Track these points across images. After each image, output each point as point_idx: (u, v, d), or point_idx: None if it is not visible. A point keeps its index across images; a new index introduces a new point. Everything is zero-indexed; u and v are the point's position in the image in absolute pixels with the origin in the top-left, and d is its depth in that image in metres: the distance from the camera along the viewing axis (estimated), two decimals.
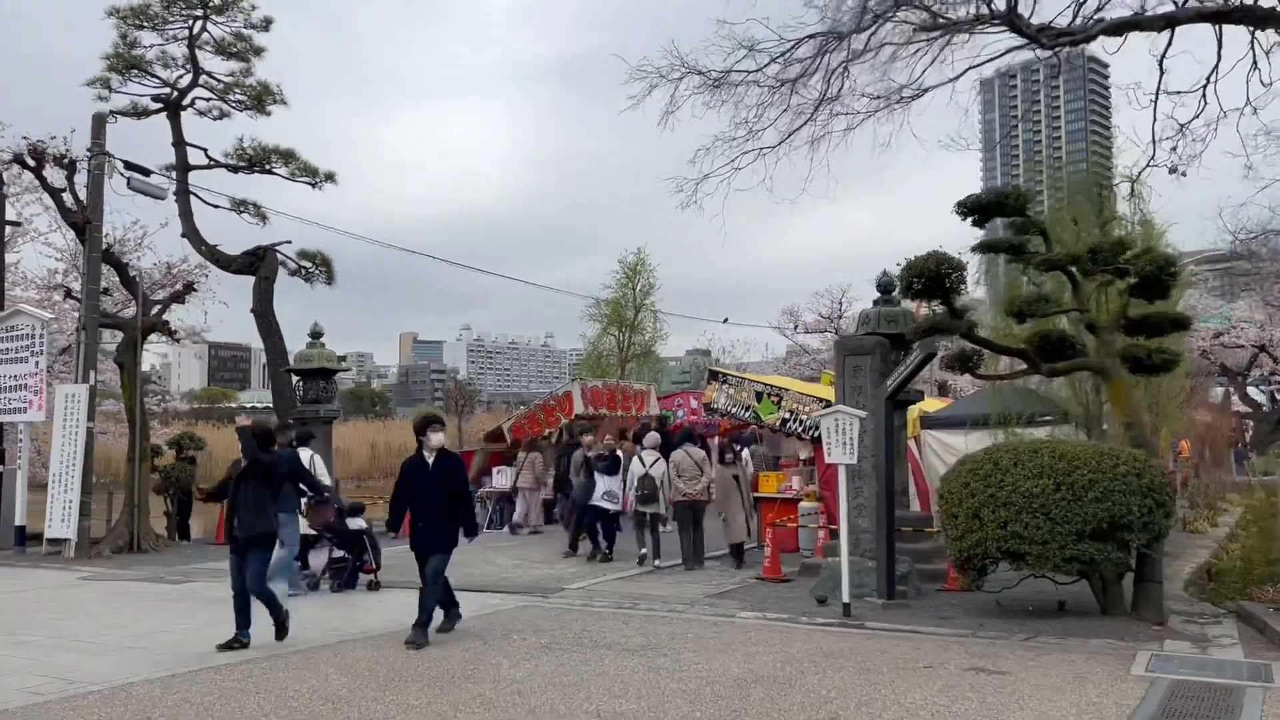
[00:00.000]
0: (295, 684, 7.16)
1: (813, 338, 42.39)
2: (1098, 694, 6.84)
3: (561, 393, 21.06)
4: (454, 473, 9.11)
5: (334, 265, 20.42)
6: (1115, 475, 9.13)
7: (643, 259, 39.08)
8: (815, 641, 8.70)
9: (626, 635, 8.96)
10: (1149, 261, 10.72)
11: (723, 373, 16.72)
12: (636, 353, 38.78)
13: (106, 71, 19.87)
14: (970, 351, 11.28)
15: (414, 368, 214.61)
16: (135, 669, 7.64)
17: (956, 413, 16.16)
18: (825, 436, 10.22)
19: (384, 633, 9.12)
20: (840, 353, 11.91)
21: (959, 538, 9.64)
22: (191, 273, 19.84)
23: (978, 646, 8.49)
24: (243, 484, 8.64)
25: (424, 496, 8.93)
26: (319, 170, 20.54)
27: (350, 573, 12.03)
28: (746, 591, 11.64)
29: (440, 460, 9.06)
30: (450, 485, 8.97)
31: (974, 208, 11.46)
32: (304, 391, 18.14)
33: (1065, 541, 9.04)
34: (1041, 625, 9.36)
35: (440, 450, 9.13)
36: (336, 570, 12.04)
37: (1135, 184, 14.53)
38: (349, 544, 12.09)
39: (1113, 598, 9.73)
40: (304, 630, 9.06)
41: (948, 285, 10.67)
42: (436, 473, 8.94)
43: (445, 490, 8.92)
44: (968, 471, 9.78)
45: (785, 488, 15.94)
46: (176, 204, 20.66)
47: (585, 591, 11.62)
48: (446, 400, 53.90)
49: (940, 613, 10.16)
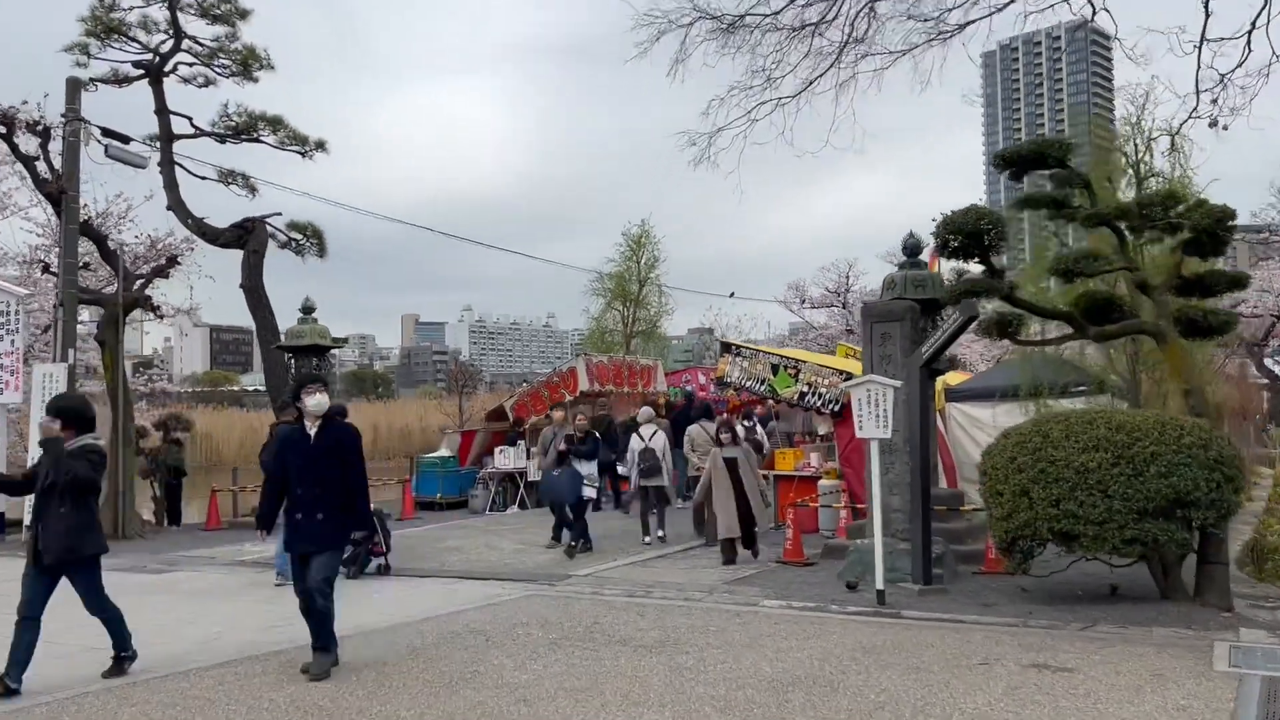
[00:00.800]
0: (272, 691, 6.33)
1: (819, 313, 41.52)
2: (1183, 695, 6.00)
3: (566, 369, 20.21)
4: (343, 446, 7.11)
5: (325, 237, 19.54)
6: (1180, 447, 8.27)
7: (647, 230, 37.98)
8: (851, 634, 7.87)
9: (642, 629, 8.12)
10: (1204, 215, 9.81)
11: (736, 345, 15.86)
12: (641, 329, 37.77)
13: (84, 36, 18.89)
14: (1010, 316, 10.41)
15: (416, 349, 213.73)
16: (95, 674, 6.82)
17: (984, 384, 15.30)
18: (856, 409, 9.37)
19: (377, 628, 8.29)
20: (867, 320, 11.02)
21: (1005, 517, 8.79)
22: (177, 247, 18.90)
23: (1032, 638, 7.66)
24: (47, 496, 6.54)
25: (303, 477, 7.00)
26: (308, 138, 19.61)
27: (361, 557, 11.32)
28: (768, 577, 10.82)
29: (326, 430, 7.09)
30: (339, 462, 7.03)
31: (1012, 160, 10.60)
32: (296, 370, 17.25)
33: (1125, 521, 8.19)
34: (1096, 612, 8.54)
35: (325, 418, 7.13)
36: (350, 556, 11.20)
37: (1175, 138, 13.58)
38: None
39: (1173, 581, 8.90)
40: (289, 626, 8.24)
41: (987, 243, 9.81)
42: (320, 447, 7.02)
43: (331, 469, 6.99)
44: (1014, 445, 8.92)
45: (804, 465, 15.12)
46: (161, 175, 19.74)
47: (594, 578, 10.80)
48: (448, 380, 53.08)
49: (981, 598, 9.34)
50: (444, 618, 8.71)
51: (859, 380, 9.46)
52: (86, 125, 15.70)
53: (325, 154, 20.13)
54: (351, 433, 7.29)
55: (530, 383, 24.42)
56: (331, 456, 7.01)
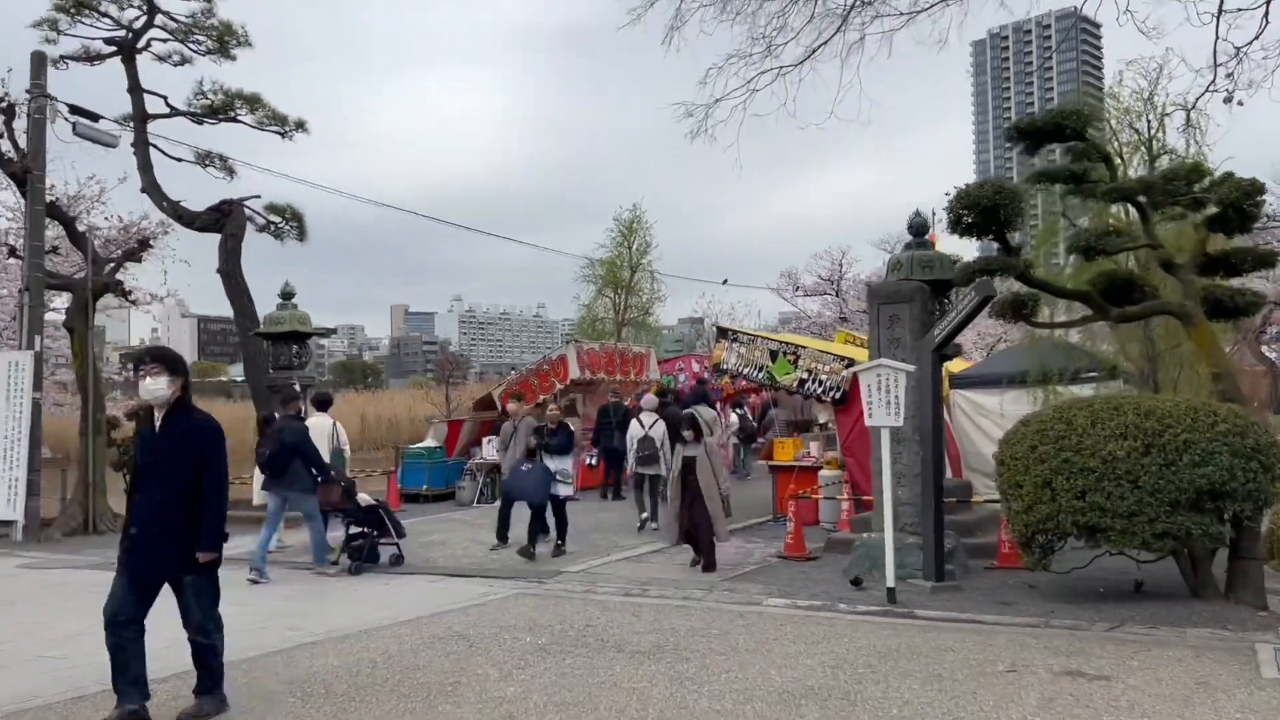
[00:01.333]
0: None
1: (812, 301, 40.99)
2: (1236, 708, 5.45)
3: (556, 356, 19.59)
4: (194, 441, 5.54)
5: (305, 220, 18.79)
6: (1215, 435, 7.71)
7: (639, 216, 37.24)
8: (864, 637, 7.30)
9: (638, 632, 7.54)
10: (1232, 189, 9.25)
11: (732, 330, 15.25)
12: (633, 315, 37.11)
13: (54, 11, 18.08)
14: (1026, 297, 9.83)
15: (405, 339, 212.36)
16: (40, 689, 6.21)
17: (990, 370, 14.73)
18: (865, 395, 8.79)
19: (350, 632, 7.69)
20: (874, 301, 10.41)
21: (1025, 510, 8.22)
22: (152, 230, 18.19)
23: (1058, 640, 7.10)
24: None
25: (146, 482, 5.53)
26: (288, 118, 18.83)
27: (370, 549, 10.92)
28: (769, 573, 10.25)
29: (173, 422, 5.53)
30: (189, 464, 5.46)
31: (1028, 131, 10.01)
32: (275, 357, 16.59)
33: (1157, 513, 7.64)
34: (1122, 611, 7.99)
35: (174, 406, 5.53)
36: (354, 550, 10.95)
37: (1191, 112, 13.00)
38: (363, 520, 11.03)
39: (1203, 577, 8.35)
40: (260, 632, 7.65)
41: (1002, 218, 9.22)
42: (165, 444, 5.51)
43: (178, 470, 5.44)
44: (1034, 433, 8.35)
45: (803, 455, 14.55)
46: (135, 157, 19.02)
47: (586, 575, 10.21)
48: (436, 370, 52.41)
49: (998, 596, 8.79)
50: (425, 620, 8.11)
51: (869, 364, 8.87)
52: (53, 102, 15.01)
53: (306, 134, 19.36)
54: (208, 427, 5.64)
55: (519, 370, 23.78)
56: (179, 456, 5.47)
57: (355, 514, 11.06)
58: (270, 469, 10.78)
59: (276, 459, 10.69)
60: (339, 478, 11.37)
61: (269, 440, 10.95)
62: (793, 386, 14.24)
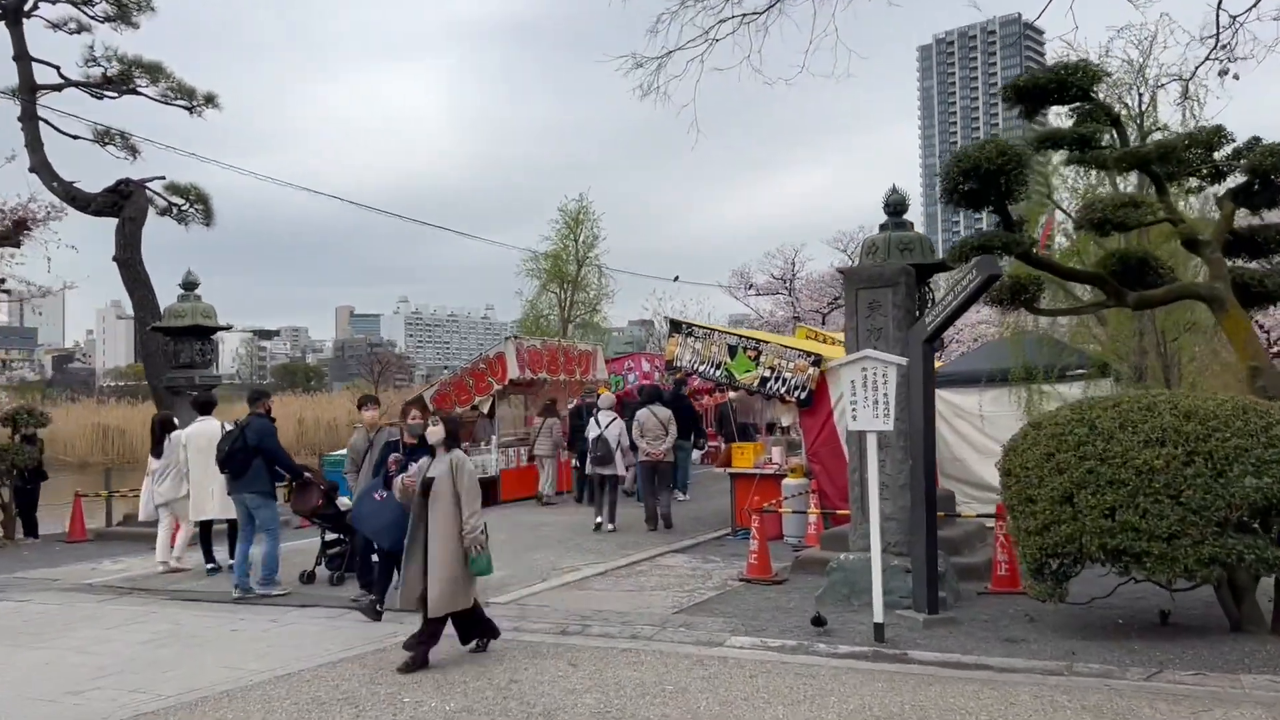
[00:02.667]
0: None
1: (765, 300, 39.82)
2: None
3: (494, 354, 17.92)
4: None
5: (211, 202, 16.99)
6: (1270, 440, 6.41)
7: (585, 207, 35.46)
8: (854, 693, 5.87)
9: (575, 692, 6.01)
10: (1266, 154, 8.01)
11: (687, 323, 13.77)
12: (581, 313, 35.45)
13: None
14: (1027, 279, 8.50)
15: (350, 342, 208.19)
16: None
17: (968, 367, 13.42)
18: (848, 394, 7.37)
19: (209, 695, 6.07)
20: (851, 285, 9.00)
21: (1039, 530, 6.85)
22: (39, 214, 16.26)
23: (1094, 696, 5.72)
24: None
25: None
26: (195, 90, 17.05)
27: (349, 556, 9.92)
28: (730, 600, 8.80)
29: None
30: None
31: (1026, 91, 8.68)
32: (175, 355, 14.79)
33: (1204, 535, 6.31)
34: (1155, 651, 6.65)
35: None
36: (333, 557, 9.98)
37: (1189, 83, 11.82)
38: (343, 526, 9.85)
39: (1247, 610, 7.05)
40: (92, 694, 6.00)
41: (1003, 187, 7.87)
42: None
43: None
44: (1049, 438, 6.98)
45: (764, 461, 13.14)
46: (23, 133, 17.14)
47: (517, 607, 8.66)
48: (369, 372, 50.44)
49: (1001, 630, 7.42)
50: (308, 675, 6.51)
51: (853, 357, 7.44)
52: None
53: (216, 109, 17.62)
54: None
55: (453, 370, 22.09)
56: None
57: (337, 520, 9.89)
58: (230, 469, 9.49)
59: (236, 458, 9.39)
60: (317, 480, 10.19)
61: (227, 438, 9.59)
62: (753, 385, 12.81)
